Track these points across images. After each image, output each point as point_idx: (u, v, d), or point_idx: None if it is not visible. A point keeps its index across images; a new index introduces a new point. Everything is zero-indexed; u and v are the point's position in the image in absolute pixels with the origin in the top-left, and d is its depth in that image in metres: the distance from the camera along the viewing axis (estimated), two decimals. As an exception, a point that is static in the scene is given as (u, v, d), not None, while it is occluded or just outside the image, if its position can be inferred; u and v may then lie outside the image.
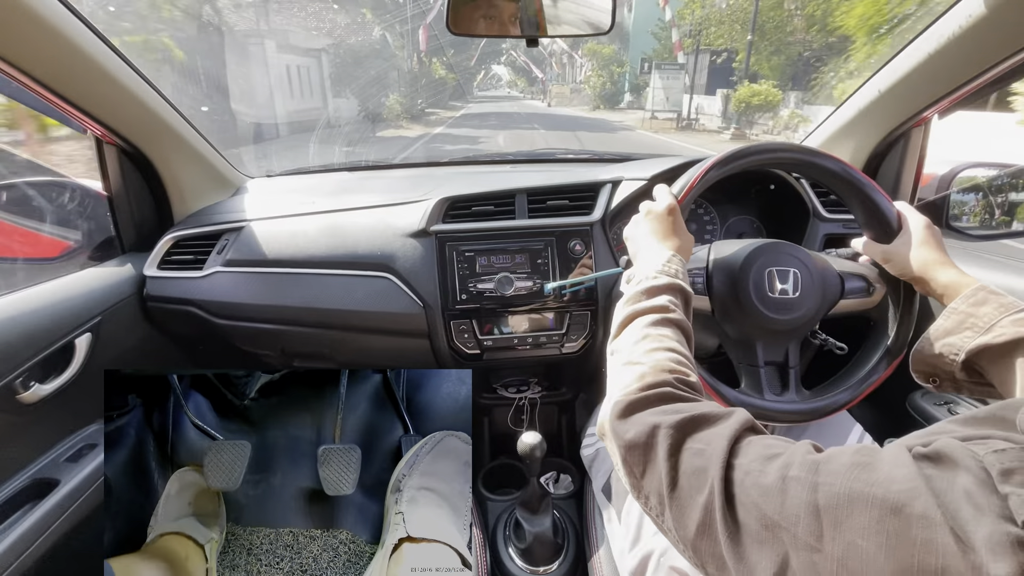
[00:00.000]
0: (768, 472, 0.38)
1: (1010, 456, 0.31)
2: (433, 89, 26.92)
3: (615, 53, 30.33)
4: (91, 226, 1.16)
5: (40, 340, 0.86)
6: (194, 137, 1.20)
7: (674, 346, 0.57)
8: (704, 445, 0.43)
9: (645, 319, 0.61)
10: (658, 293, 0.63)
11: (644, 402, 0.50)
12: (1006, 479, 0.30)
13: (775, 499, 0.36)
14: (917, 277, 0.73)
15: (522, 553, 1.08)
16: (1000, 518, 0.29)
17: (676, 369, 0.54)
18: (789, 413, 0.79)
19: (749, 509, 0.38)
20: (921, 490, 0.32)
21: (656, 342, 0.57)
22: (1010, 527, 0.28)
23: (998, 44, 0.81)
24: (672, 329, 0.60)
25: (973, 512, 0.29)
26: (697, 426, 0.45)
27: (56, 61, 0.85)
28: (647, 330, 0.59)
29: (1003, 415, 0.37)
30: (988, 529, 0.28)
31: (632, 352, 0.57)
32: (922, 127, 1.07)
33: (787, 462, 0.38)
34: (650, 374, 0.53)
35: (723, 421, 0.45)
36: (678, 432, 0.45)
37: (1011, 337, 0.58)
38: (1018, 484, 0.29)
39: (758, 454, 0.41)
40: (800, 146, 0.80)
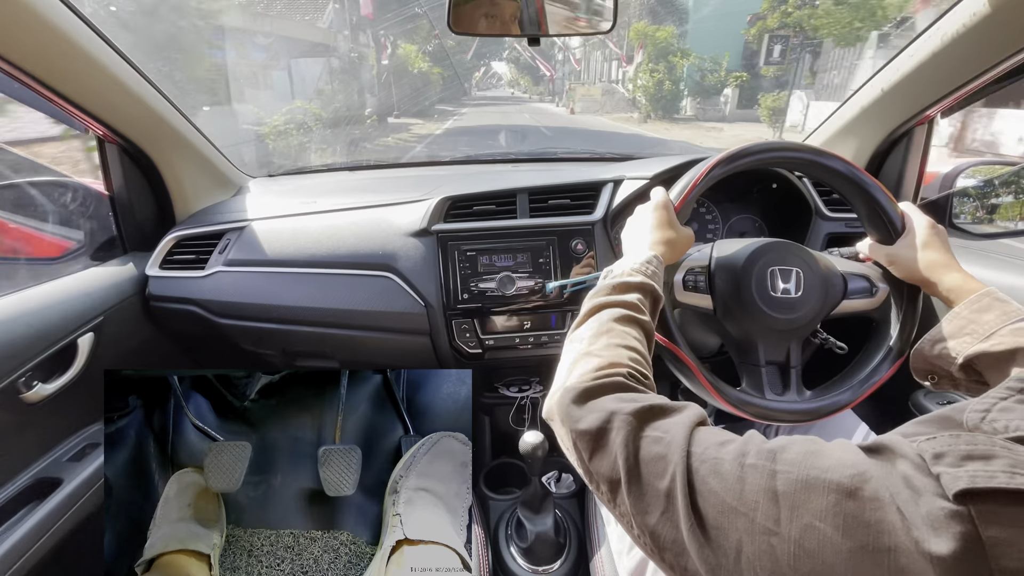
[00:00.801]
0: (724, 459, 0.40)
1: (940, 442, 0.34)
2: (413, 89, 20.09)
3: (673, 39, 19.04)
4: (93, 226, 1.17)
5: (43, 340, 0.86)
6: (196, 136, 1.21)
7: (634, 345, 0.57)
8: (662, 433, 0.44)
9: (611, 312, 0.61)
10: (629, 291, 0.64)
11: (598, 389, 0.50)
12: (938, 461, 0.33)
13: (734, 486, 0.38)
14: (922, 279, 0.73)
15: (524, 552, 1.08)
16: (935, 495, 0.31)
17: (632, 366, 0.54)
18: (790, 413, 0.79)
19: (707, 497, 0.39)
20: (869, 474, 0.34)
21: (618, 338, 0.57)
22: (943, 503, 0.31)
23: (1001, 42, 0.81)
24: (636, 328, 0.60)
25: (911, 494, 0.32)
26: (655, 415, 0.46)
27: (58, 60, 0.85)
28: (611, 324, 0.59)
29: (951, 415, 0.39)
30: (926, 508, 0.31)
31: (592, 344, 0.57)
32: (925, 125, 1.07)
33: (743, 450, 0.40)
34: (606, 367, 0.53)
35: (680, 412, 0.46)
36: (636, 419, 0.45)
37: (1009, 347, 0.58)
38: (948, 464, 0.32)
39: (712, 441, 0.42)
40: (803, 145, 0.80)
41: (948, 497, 0.30)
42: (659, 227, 0.74)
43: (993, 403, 0.38)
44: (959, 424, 0.38)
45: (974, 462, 0.32)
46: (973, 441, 0.33)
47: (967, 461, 0.32)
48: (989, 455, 0.32)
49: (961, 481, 0.30)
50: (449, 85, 24.26)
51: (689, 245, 0.79)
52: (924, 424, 0.40)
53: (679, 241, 0.75)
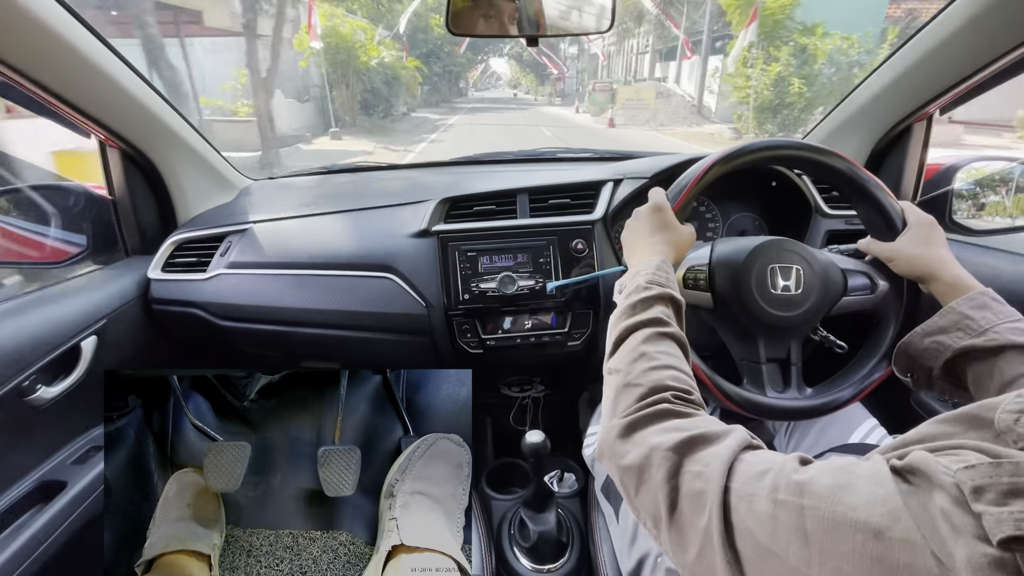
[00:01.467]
0: (759, 496, 0.38)
1: (980, 472, 0.31)
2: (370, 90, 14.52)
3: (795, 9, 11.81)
4: (95, 230, 1.17)
5: (46, 343, 0.87)
6: (196, 140, 1.21)
7: (671, 362, 0.57)
8: (703, 467, 0.43)
9: (640, 334, 0.60)
10: (650, 305, 0.63)
11: (643, 420, 0.50)
12: (978, 497, 0.30)
13: (767, 525, 0.36)
14: (921, 276, 0.73)
15: (527, 552, 1.08)
16: (976, 539, 0.29)
17: (674, 387, 0.53)
18: (790, 410, 0.79)
19: (744, 536, 0.38)
20: (900, 512, 0.31)
21: (654, 360, 0.57)
22: (987, 548, 0.28)
23: (1001, 37, 0.80)
24: (667, 343, 0.59)
25: (950, 532, 0.29)
26: (695, 446, 0.45)
27: (59, 65, 0.85)
28: (643, 347, 0.58)
29: (980, 414, 0.37)
30: (967, 551, 0.28)
31: (629, 372, 0.57)
32: (925, 122, 1.06)
33: (775, 483, 0.38)
34: (648, 395, 0.53)
35: (721, 440, 0.45)
36: (676, 454, 0.45)
37: (1002, 343, 0.59)
38: (989, 502, 0.29)
39: (750, 473, 0.40)
40: (802, 143, 0.80)
41: (992, 542, 0.28)
42: (660, 229, 0.74)
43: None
44: (989, 424, 0.36)
45: (1019, 500, 0.29)
46: (1017, 472, 0.30)
47: (1011, 499, 0.29)
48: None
49: (1006, 526, 0.28)
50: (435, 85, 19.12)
51: (691, 243, 0.79)
52: (951, 423, 0.38)
53: (681, 241, 0.75)
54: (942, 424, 0.39)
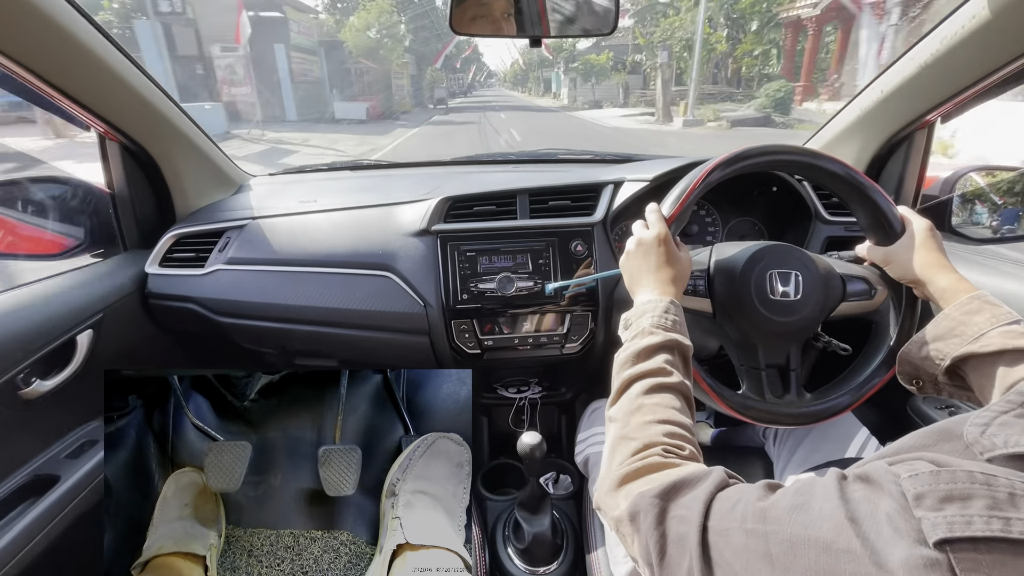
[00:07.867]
0: (733, 529, 0.40)
1: (922, 480, 0.33)
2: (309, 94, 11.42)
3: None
4: (93, 223, 1.16)
5: (42, 336, 0.86)
6: (197, 135, 1.20)
7: (668, 416, 0.57)
8: (686, 511, 0.44)
9: (640, 385, 0.60)
10: (654, 353, 0.63)
11: (633, 474, 0.51)
12: (919, 503, 0.32)
13: (742, 555, 0.38)
14: (916, 280, 0.73)
15: (521, 553, 1.08)
16: (915, 542, 0.30)
17: (666, 441, 0.54)
18: (789, 416, 0.79)
19: (724, 569, 0.39)
20: (843, 525, 0.34)
21: (650, 413, 0.57)
22: (923, 550, 0.30)
23: (1003, 47, 0.81)
24: (668, 395, 0.59)
25: (892, 535, 0.31)
26: (679, 491, 0.46)
27: (59, 57, 0.85)
28: (641, 400, 0.59)
29: (951, 428, 0.39)
30: (904, 552, 0.30)
31: (627, 424, 0.57)
32: (925, 130, 1.07)
33: (743, 514, 0.40)
34: (641, 450, 0.53)
35: (701, 484, 0.46)
36: (661, 500, 0.46)
37: (997, 348, 0.58)
38: (928, 508, 0.31)
39: (725, 509, 0.42)
40: (803, 148, 0.80)
41: (928, 544, 0.30)
42: (666, 264, 0.73)
43: (993, 417, 0.38)
44: (959, 437, 0.38)
45: (952, 505, 0.31)
46: (953, 479, 0.32)
47: (946, 504, 0.31)
48: (967, 495, 0.31)
49: (940, 529, 0.30)
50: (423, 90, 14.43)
51: (690, 268, 0.78)
52: (925, 436, 0.40)
53: (682, 273, 0.75)
54: (917, 437, 0.40)
